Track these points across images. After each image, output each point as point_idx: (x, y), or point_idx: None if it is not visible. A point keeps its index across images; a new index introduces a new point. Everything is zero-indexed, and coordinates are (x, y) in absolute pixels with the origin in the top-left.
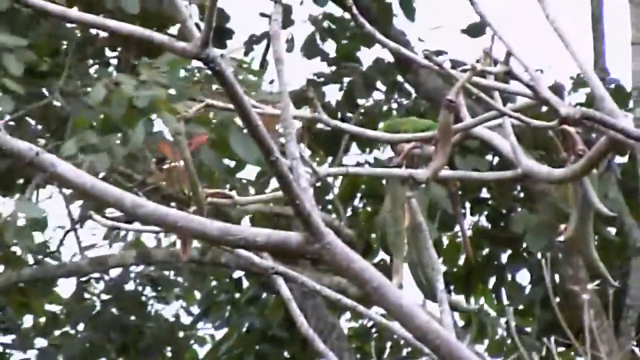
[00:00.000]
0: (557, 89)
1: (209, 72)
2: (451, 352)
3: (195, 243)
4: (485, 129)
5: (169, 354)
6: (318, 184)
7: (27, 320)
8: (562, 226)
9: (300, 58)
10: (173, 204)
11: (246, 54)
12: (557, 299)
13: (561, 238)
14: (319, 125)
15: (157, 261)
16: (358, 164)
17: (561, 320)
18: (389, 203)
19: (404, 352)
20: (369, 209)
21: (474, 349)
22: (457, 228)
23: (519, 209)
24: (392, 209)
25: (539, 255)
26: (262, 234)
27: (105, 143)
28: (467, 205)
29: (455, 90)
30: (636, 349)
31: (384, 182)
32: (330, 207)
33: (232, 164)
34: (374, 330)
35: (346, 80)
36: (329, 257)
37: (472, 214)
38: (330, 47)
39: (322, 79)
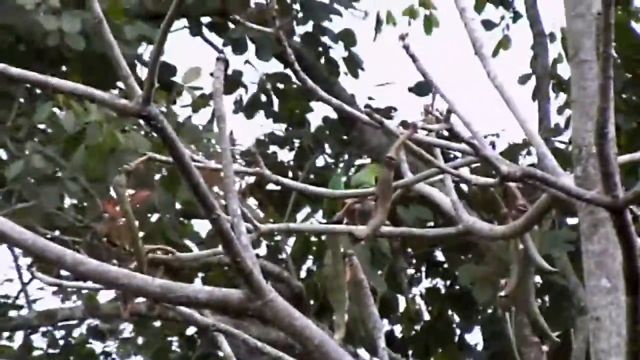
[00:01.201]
0: (511, 152)
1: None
2: None
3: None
4: (425, 185)
5: None
6: (271, 243)
7: None
8: (503, 281)
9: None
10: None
11: (195, 111)
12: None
13: (502, 293)
14: (271, 185)
15: (105, 315)
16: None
17: None
18: (330, 258)
19: None
20: (322, 269)
21: None
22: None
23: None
24: (333, 263)
25: (489, 310)
26: (203, 291)
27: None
28: (423, 268)
29: (396, 147)
30: None
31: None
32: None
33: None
34: None
35: (296, 140)
36: (271, 314)
37: (427, 276)
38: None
39: (271, 140)
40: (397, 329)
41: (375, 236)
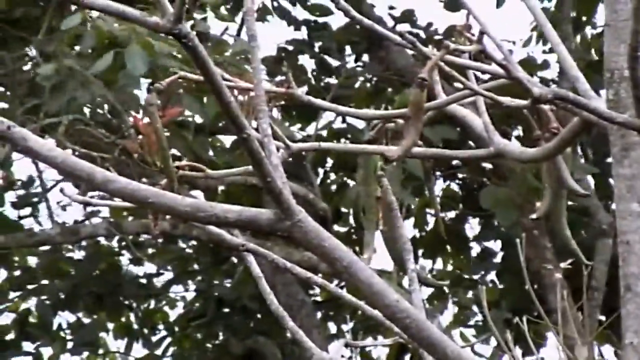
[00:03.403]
0: (529, 62)
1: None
2: (420, 331)
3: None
4: (458, 106)
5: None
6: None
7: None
8: (537, 204)
9: (272, 24)
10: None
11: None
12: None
13: (534, 216)
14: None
15: (129, 232)
16: (332, 133)
17: (535, 301)
18: (361, 178)
19: None
20: (340, 176)
21: (442, 327)
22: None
23: (488, 184)
24: (364, 183)
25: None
26: (232, 210)
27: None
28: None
29: (428, 68)
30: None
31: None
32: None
33: None
34: None
35: (317, 45)
36: (300, 235)
37: (444, 180)
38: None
39: (293, 47)
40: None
41: (406, 157)
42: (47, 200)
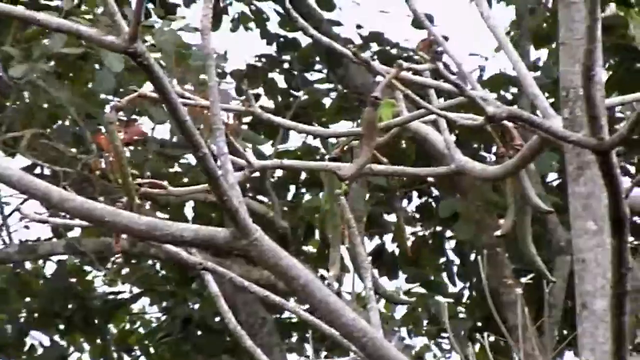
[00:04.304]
0: (500, 78)
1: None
2: (377, 350)
3: None
4: (421, 124)
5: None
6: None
7: None
8: (500, 221)
9: (244, 36)
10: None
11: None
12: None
13: (498, 233)
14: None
15: (88, 250)
16: (305, 150)
17: (496, 317)
18: (326, 196)
19: None
20: (313, 193)
21: (402, 345)
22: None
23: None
24: (328, 202)
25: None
26: (189, 229)
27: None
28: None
29: (381, 87)
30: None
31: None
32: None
33: None
34: None
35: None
36: (256, 253)
37: (419, 196)
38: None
39: (264, 60)
40: (388, 244)
41: (362, 175)
42: (4, 219)
